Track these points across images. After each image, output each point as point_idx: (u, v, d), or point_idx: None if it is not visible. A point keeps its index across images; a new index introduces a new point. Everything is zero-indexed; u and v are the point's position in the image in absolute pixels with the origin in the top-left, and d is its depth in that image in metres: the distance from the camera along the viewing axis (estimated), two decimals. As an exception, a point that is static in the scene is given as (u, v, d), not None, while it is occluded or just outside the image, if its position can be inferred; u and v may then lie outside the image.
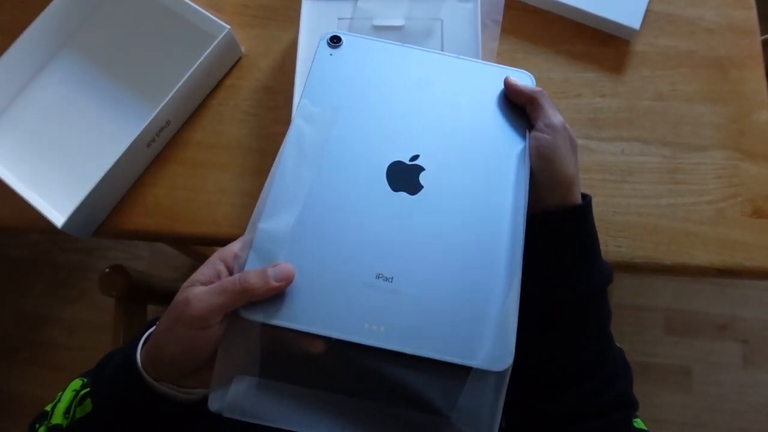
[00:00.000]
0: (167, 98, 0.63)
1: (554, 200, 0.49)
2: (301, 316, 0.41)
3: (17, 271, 1.57)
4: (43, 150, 0.70)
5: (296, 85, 0.65)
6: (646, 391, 1.35)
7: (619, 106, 0.68)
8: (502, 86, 0.52)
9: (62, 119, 0.71)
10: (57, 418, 0.48)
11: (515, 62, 0.70)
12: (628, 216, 0.64)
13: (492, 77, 0.53)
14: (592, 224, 0.51)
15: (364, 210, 0.46)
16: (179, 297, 0.42)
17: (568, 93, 0.69)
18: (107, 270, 0.79)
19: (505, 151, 0.50)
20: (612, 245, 0.63)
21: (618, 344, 0.52)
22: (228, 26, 0.66)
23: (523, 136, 0.50)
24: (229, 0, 0.74)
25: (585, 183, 0.65)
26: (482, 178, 0.48)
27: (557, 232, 0.49)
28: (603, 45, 0.71)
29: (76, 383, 0.50)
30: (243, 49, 0.72)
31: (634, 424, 0.50)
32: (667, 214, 0.64)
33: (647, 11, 0.70)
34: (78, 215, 0.62)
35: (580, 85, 0.69)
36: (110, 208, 0.67)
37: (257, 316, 0.41)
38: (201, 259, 1.34)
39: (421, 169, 0.48)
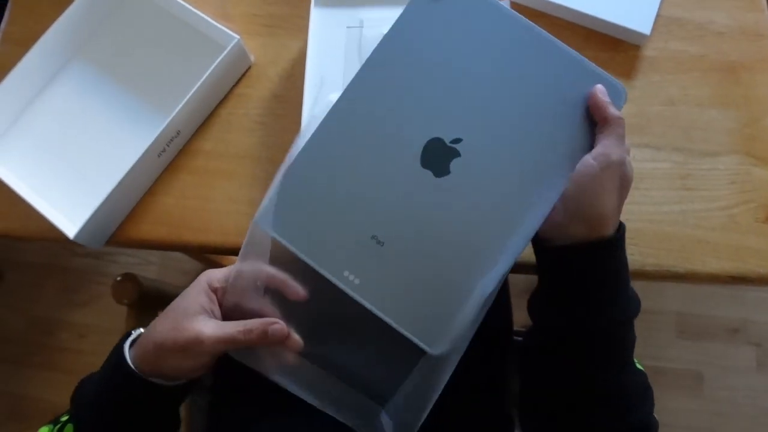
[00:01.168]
0: (177, 108, 0.64)
1: (578, 233, 0.47)
2: (299, 241, 0.48)
3: (29, 275, 1.58)
4: (54, 159, 0.70)
5: (305, 93, 0.66)
6: (658, 396, 1.32)
7: (629, 111, 0.68)
8: (588, 89, 0.49)
9: (73, 128, 0.72)
10: None
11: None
12: (639, 223, 0.64)
13: (584, 77, 0.50)
14: (621, 256, 0.49)
15: (387, 174, 0.48)
16: (188, 331, 0.47)
17: (578, 99, 0.68)
18: (119, 278, 0.80)
19: (550, 165, 0.48)
20: (623, 253, 0.62)
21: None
22: (237, 36, 0.66)
23: (579, 155, 0.48)
24: (238, 9, 0.75)
25: (595, 190, 0.65)
26: (511, 185, 0.48)
27: (582, 265, 0.48)
28: (613, 50, 0.70)
29: (45, 430, 0.51)
30: (252, 58, 0.72)
31: None
32: (678, 220, 0.64)
33: (657, 16, 0.70)
34: (89, 225, 0.62)
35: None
36: (121, 218, 0.67)
37: (267, 228, 0.48)
38: (211, 264, 1.34)
39: (456, 154, 0.48)
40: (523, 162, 0.49)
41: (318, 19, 0.69)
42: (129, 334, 0.51)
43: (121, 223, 0.67)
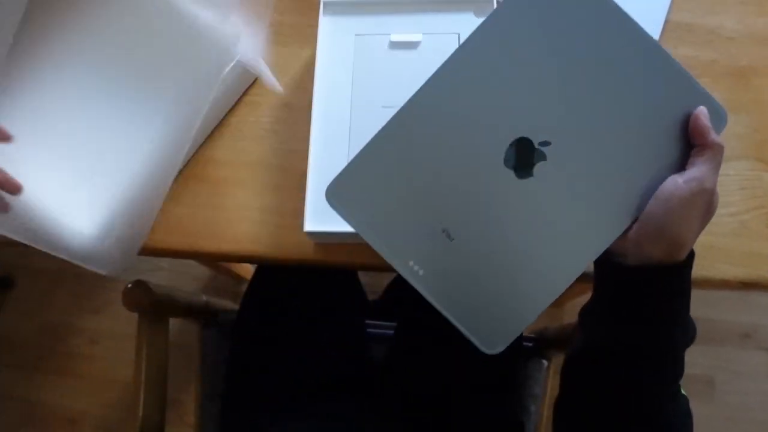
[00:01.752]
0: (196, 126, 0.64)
1: (655, 254, 0.45)
2: (366, 221, 0.47)
3: (41, 281, 1.60)
4: (60, 164, 0.71)
5: (315, 100, 0.66)
6: (669, 400, 1.33)
7: (638, 117, 0.68)
8: (688, 107, 0.47)
9: (80, 134, 0.72)
10: None
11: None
12: (649, 229, 0.63)
13: (688, 95, 0.48)
14: (688, 283, 0.48)
15: (468, 168, 0.48)
16: None
17: (587, 105, 0.68)
18: (130, 285, 0.80)
19: (636, 179, 0.47)
20: (633, 259, 0.62)
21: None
22: (247, 45, 0.66)
23: (666, 175, 0.46)
24: (247, 18, 0.75)
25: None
26: (595, 197, 0.47)
27: (647, 288, 0.46)
28: (622, 56, 0.70)
29: None
30: (262, 66, 0.73)
31: None
32: (689, 226, 0.63)
33: (666, 21, 0.70)
34: (102, 234, 0.63)
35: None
36: (133, 226, 0.68)
37: (335, 202, 0.48)
38: (220, 270, 1.35)
39: (542, 158, 0.47)
40: (610, 174, 0.47)
41: (327, 27, 0.69)
42: None
43: (133, 231, 0.68)
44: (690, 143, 0.47)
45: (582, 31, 0.47)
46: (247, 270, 1.33)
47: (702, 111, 0.46)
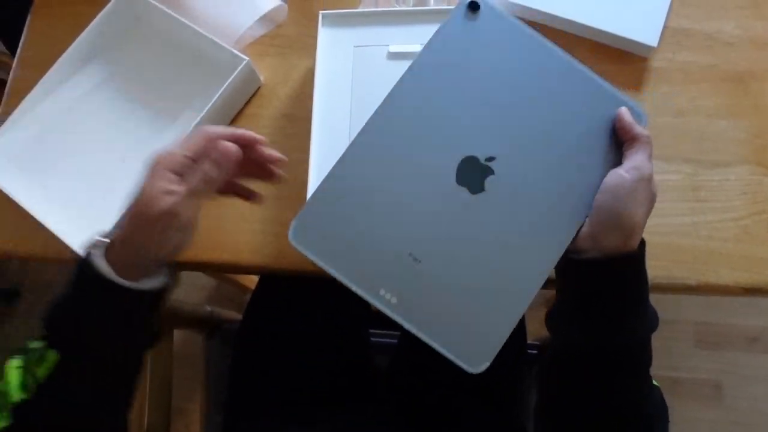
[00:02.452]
0: (189, 130, 0.65)
1: (612, 243, 0.47)
2: (332, 258, 0.48)
3: (46, 295, 1.60)
4: (70, 180, 0.72)
5: (314, 112, 0.66)
6: (677, 406, 1.33)
7: (638, 123, 0.68)
8: (610, 111, 0.51)
9: (87, 150, 0.73)
10: (15, 397, 0.47)
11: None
12: (649, 236, 0.62)
13: (607, 101, 0.52)
14: (644, 270, 0.50)
15: (423, 190, 0.49)
16: (156, 209, 0.45)
17: (586, 112, 0.69)
18: (134, 296, 0.81)
19: (579, 182, 0.50)
20: (635, 266, 0.62)
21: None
22: (247, 58, 0.67)
23: (605, 174, 0.49)
24: (247, 30, 0.76)
25: (605, 203, 0.65)
26: (545, 202, 0.49)
27: (609, 279, 0.48)
28: (621, 63, 0.70)
29: (14, 362, 0.49)
30: (262, 78, 0.73)
31: None
32: (690, 232, 0.63)
33: (664, 27, 0.70)
34: (105, 246, 0.63)
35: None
36: (136, 238, 0.68)
37: (299, 246, 0.48)
38: (225, 279, 1.35)
39: (491, 172, 0.50)
40: (555, 179, 0.50)
41: (326, 39, 0.70)
42: (91, 243, 0.49)
43: (136, 243, 0.68)
44: (620, 142, 0.51)
45: (510, 56, 0.52)
46: (252, 280, 1.33)
47: (623, 111, 0.50)
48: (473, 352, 0.47)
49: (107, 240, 0.49)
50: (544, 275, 0.48)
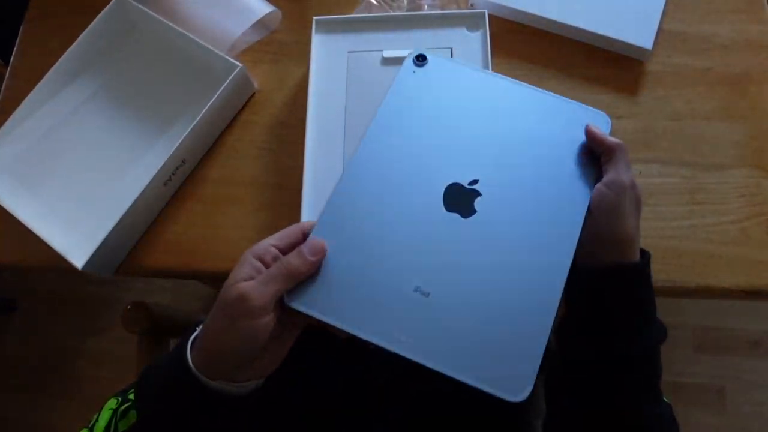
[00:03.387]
0: (182, 137, 0.64)
1: (611, 257, 0.48)
2: (336, 311, 0.45)
3: (44, 304, 1.60)
4: (61, 188, 0.71)
5: (309, 118, 0.66)
6: (679, 412, 1.29)
7: (635, 127, 0.67)
8: (577, 126, 0.52)
9: (80, 158, 0.73)
10: None
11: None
12: (648, 239, 0.63)
13: (570, 115, 0.53)
14: (650, 282, 0.50)
15: (415, 223, 0.49)
16: (231, 295, 0.43)
17: (582, 116, 0.68)
18: (129, 307, 0.80)
19: (566, 194, 0.50)
20: (633, 270, 0.62)
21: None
22: (240, 64, 0.67)
23: (590, 184, 0.50)
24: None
25: (603, 207, 0.64)
26: (538, 216, 0.49)
27: (613, 290, 0.48)
28: (616, 66, 0.70)
29: (112, 402, 0.50)
30: (256, 85, 0.73)
31: None
32: (689, 235, 0.63)
33: (659, 30, 0.70)
34: (98, 256, 0.63)
35: (595, 107, 0.68)
36: (130, 247, 0.68)
37: (298, 306, 0.45)
38: (221, 288, 1.35)
39: (477, 194, 0.50)
40: (542, 193, 0.50)
41: (319, 45, 0.69)
42: (195, 330, 0.48)
43: (130, 251, 0.68)
44: (596, 154, 0.52)
45: (466, 95, 0.55)
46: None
47: (589, 127, 0.51)
48: (510, 378, 0.43)
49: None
50: (561, 284, 0.47)
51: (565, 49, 0.71)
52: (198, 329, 0.47)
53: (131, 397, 0.49)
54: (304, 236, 0.48)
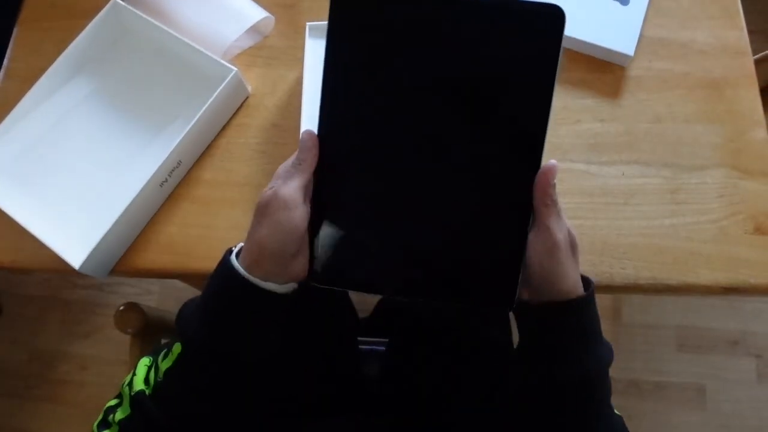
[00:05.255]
0: (178, 140, 0.65)
1: (551, 296, 0.49)
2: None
3: (30, 308, 1.59)
4: (56, 190, 0.72)
5: (302, 121, 0.68)
6: (661, 410, 1.34)
7: (618, 130, 0.70)
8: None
9: (75, 159, 0.73)
10: (136, 388, 0.50)
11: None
12: (631, 238, 0.65)
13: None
14: (590, 311, 0.51)
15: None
16: (265, 198, 0.48)
17: (568, 119, 0.70)
18: (122, 308, 0.81)
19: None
20: (617, 267, 0.64)
21: (629, 364, 0.53)
22: (235, 68, 0.68)
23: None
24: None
25: (587, 207, 0.66)
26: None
27: (553, 325, 0.49)
28: (599, 71, 0.73)
29: (145, 361, 0.52)
30: (250, 88, 0.74)
31: None
32: (670, 234, 0.65)
33: (640, 37, 0.72)
34: (94, 256, 0.63)
35: (579, 111, 0.71)
36: (125, 248, 0.68)
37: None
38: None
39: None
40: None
41: (313, 50, 0.71)
42: (230, 250, 0.51)
43: (126, 252, 0.69)
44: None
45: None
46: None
47: (550, 174, 0.48)
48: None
49: (239, 246, 0.51)
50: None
51: (550, 54, 0.74)
52: (234, 253, 0.50)
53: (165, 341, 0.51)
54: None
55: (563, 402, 0.50)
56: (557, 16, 0.45)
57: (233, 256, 0.49)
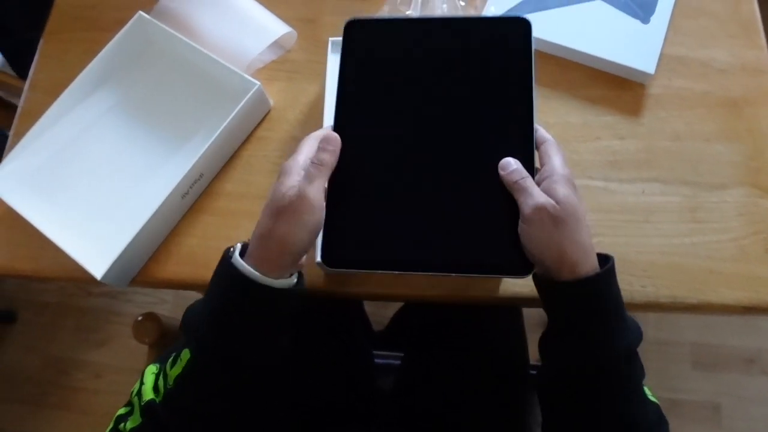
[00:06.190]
0: (201, 153, 0.66)
1: (560, 276, 0.49)
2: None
3: (44, 315, 1.60)
4: (79, 200, 0.73)
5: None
6: (675, 428, 1.31)
7: (637, 147, 0.70)
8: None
9: (98, 170, 0.74)
10: (146, 397, 0.50)
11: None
12: (651, 255, 0.65)
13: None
14: (610, 289, 0.50)
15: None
16: (290, 197, 0.49)
17: (587, 136, 0.71)
18: (140, 318, 0.81)
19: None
20: (637, 285, 0.64)
21: (645, 380, 0.52)
22: (258, 82, 0.69)
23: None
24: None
25: (606, 224, 0.66)
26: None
27: (571, 304, 0.49)
28: (619, 89, 0.73)
29: (152, 368, 0.52)
30: (272, 102, 0.75)
31: None
32: (690, 252, 0.65)
33: (661, 55, 0.72)
34: (116, 267, 0.64)
35: (599, 128, 0.71)
36: (146, 259, 0.69)
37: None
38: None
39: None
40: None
41: (335, 64, 0.71)
42: (228, 250, 0.52)
43: (146, 263, 0.69)
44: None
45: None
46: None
47: (507, 166, 0.52)
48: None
49: (242, 243, 0.53)
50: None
51: (570, 72, 0.74)
52: (235, 251, 0.51)
53: (171, 351, 0.51)
54: (316, 140, 0.54)
55: (592, 385, 0.49)
56: (525, 23, 0.57)
57: (237, 256, 0.50)
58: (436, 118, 0.55)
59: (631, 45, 0.72)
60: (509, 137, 0.54)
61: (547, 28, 0.73)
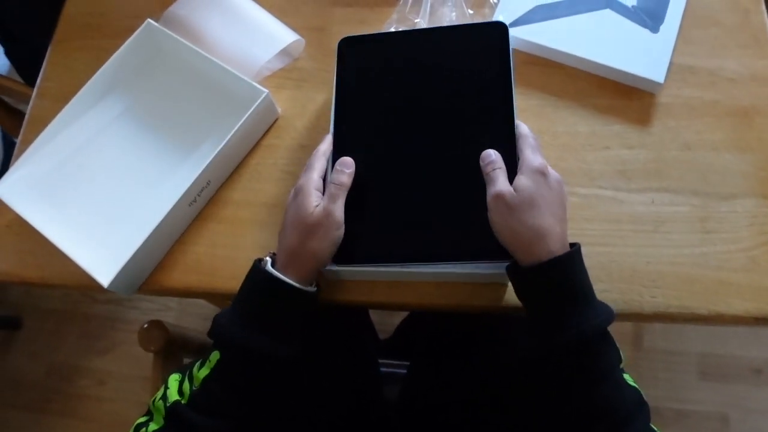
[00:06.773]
0: (209, 161, 0.66)
1: (522, 260, 0.53)
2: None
3: (49, 322, 1.60)
4: (86, 208, 0.73)
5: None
6: (683, 439, 1.32)
7: (646, 157, 0.70)
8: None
9: (105, 178, 0.74)
10: (171, 399, 0.52)
11: (544, 117, 0.72)
12: (660, 266, 0.64)
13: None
14: (574, 272, 0.53)
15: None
16: (318, 216, 0.56)
17: (596, 145, 0.70)
18: (146, 326, 0.81)
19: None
20: (647, 296, 0.63)
21: (650, 391, 0.52)
22: (266, 90, 0.69)
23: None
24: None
25: (616, 234, 0.66)
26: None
27: (534, 286, 0.54)
28: (628, 98, 0.72)
29: (175, 376, 0.56)
30: (279, 110, 0.75)
31: None
32: (700, 262, 0.64)
33: (670, 64, 0.72)
34: (122, 275, 0.64)
35: (608, 138, 0.71)
36: (153, 267, 0.69)
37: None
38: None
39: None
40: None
41: (343, 72, 0.72)
42: (260, 260, 0.58)
43: (153, 271, 0.69)
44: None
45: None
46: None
47: (487, 158, 0.58)
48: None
49: (270, 256, 0.59)
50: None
51: (578, 81, 0.74)
52: (267, 264, 0.56)
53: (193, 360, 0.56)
54: (325, 157, 0.62)
55: (562, 366, 0.51)
56: (502, 26, 0.64)
57: (270, 266, 0.56)
58: (425, 121, 0.62)
59: (641, 54, 0.72)
60: (492, 133, 0.60)
61: (556, 37, 0.73)
